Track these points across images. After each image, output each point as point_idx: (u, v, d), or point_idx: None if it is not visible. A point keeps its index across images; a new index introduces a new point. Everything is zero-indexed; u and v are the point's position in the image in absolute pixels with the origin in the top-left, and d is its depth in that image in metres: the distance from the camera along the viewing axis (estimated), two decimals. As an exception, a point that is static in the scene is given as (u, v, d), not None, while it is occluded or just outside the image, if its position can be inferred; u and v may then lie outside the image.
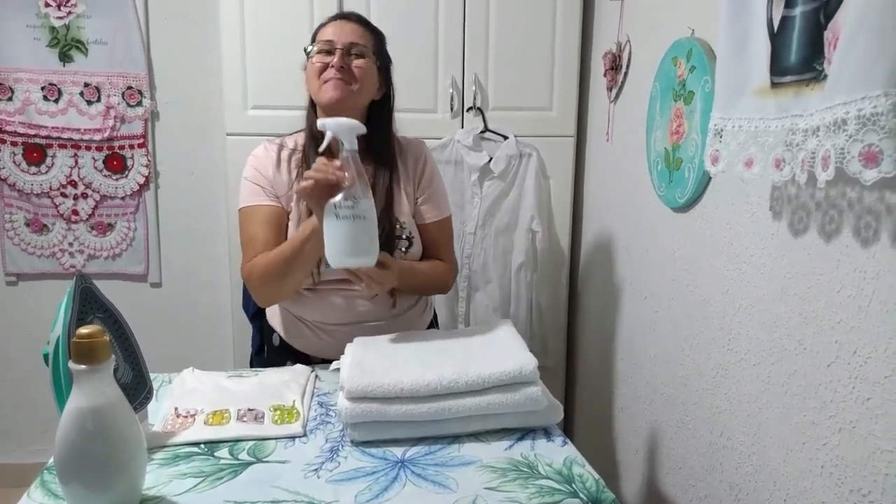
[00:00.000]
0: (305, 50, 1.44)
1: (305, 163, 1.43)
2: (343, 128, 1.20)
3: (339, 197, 1.19)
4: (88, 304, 1.00)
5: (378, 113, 1.47)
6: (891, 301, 0.89)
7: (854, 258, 0.96)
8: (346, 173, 1.18)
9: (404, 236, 1.45)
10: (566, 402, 2.38)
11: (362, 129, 1.22)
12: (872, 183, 0.79)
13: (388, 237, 1.41)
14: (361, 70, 1.39)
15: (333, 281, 1.45)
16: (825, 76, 0.87)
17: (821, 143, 0.85)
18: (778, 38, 0.99)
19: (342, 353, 1.32)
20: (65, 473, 0.82)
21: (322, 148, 1.22)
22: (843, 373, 0.98)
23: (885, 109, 0.73)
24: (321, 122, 1.22)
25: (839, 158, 0.81)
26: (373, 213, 1.22)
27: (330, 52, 1.38)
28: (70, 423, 0.81)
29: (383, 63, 1.46)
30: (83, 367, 0.81)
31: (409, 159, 1.51)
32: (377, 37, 1.46)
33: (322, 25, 1.45)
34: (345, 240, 1.20)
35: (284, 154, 1.48)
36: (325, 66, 1.38)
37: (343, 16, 1.46)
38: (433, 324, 1.67)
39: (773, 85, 1.00)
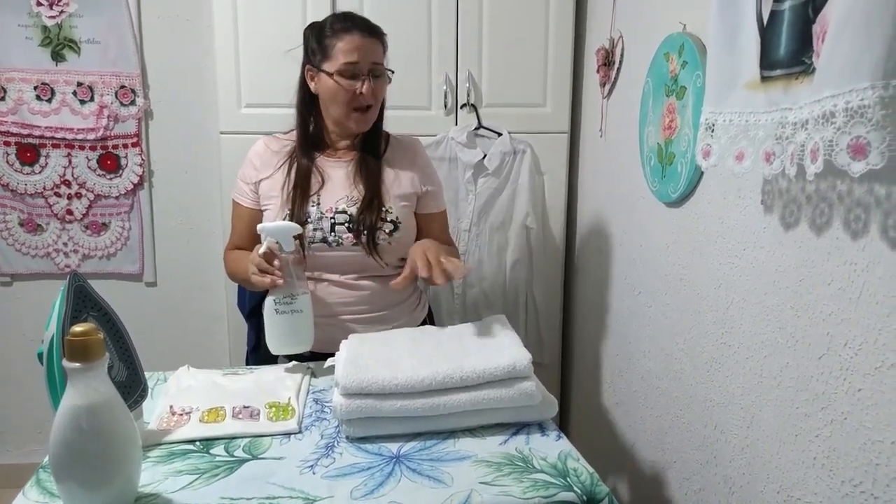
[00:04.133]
0: (316, 59, 1.45)
1: (298, 153, 1.51)
2: (280, 232, 1.33)
3: (278, 294, 1.33)
4: (82, 302, 1.00)
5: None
6: (881, 293, 0.90)
7: (844, 251, 0.97)
8: (284, 274, 1.31)
9: (389, 219, 1.48)
10: (562, 397, 2.39)
11: (298, 230, 1.35)
12: (862, 175, 0.80)
13: (374, 221, 1.45)
14: (380, 91, 1.47)
15: (319, 272, 1.49)
16: (814, 69, 0.87)
17: (810, 135, 0.86)
18: (767, 32, 0.99)
19: (330, 344, 1.33)
20: (60, 472, 0.83)
21: (261, 251, 1.32)
22: (835, 365, 0.99)
23: (873, 102, 0.73)
24: (260, 227, 1.34)
25: (828, 151, 0.81)
26: (309, 306, 1.35)
27: (355, 76, 1.42)
28: (64, 421, 0.81)
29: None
30: (77, 365, 0.81)
31: (406, 152, 1.57)
32: (385, 42, 1.50)
33: (335, 34, 1.43)
34: (284, 332, 1.36)
35: (275, 146, 1.55)
36: (353, 92, 1.42)
37: (358, 27, 1.44)
38: (428, 321, 1.67)
39: (763, 79, 1.00)
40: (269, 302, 1.34)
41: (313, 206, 1.46)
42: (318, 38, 1.46)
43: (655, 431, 1.64)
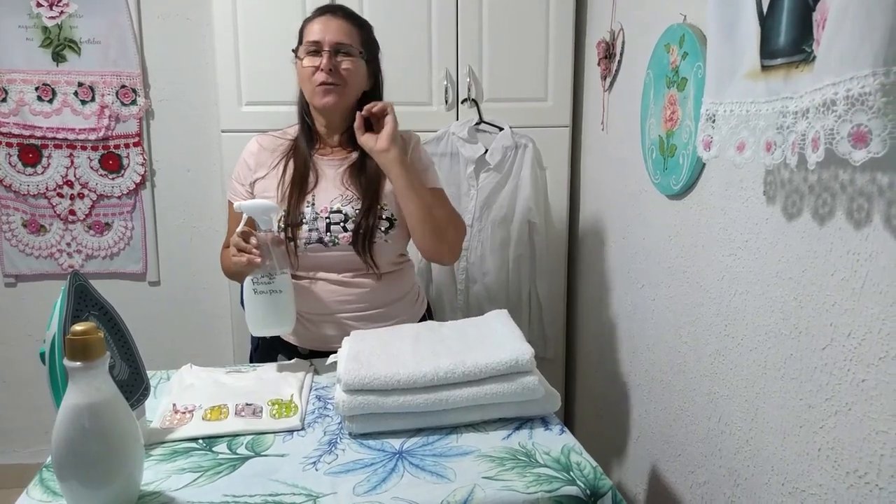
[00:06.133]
0: (294, 50, 1.47)
1: (295, 151, 1.51)
2: (258, 210, 1.32)
3: (256, 273, 1.31)
4: (83, 301, 1.01)
5: (367, 102, 1.49)
6: (884, 282, 0.89)
7: (847, 240, 0.96)
8: (262, 252, 1.29)
9: (384, 217, 1.47)
10: (566, 391, 2.39)
11: (276, 209, 1.35)
12: (864, 164, 0.79)
13: (370, 220, 1.45)
14: (349, 71, 1.44)
15: (316, 268, 1.48)
16: (814, 57, 0.86)
17: (810, 124, 0.85)
18: (767, 20, 0.98)
19: (328, 343, 1.33)
20: (62, 471, 0.83)
21: (240, 230, 1.32)
22: (839, 355, 0.99)
23: (874, 89, 0.73)
24: (237, 206, 1.34)
25: (828, 139, 0.80)
26: (288, 285, 1.34)
27: (318, 53, 1.42)
28: (66, 420, 0.81)
29: (371, 55, 1.50)
30: (78, 364, 0.81)
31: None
32: (363, 29, 1.49)
33: (308, 21, 1.48)
34: (263, 312, 1.33)
35: (268, 143, 1.55)
36: (315, 69, 1.42)
37: (329, 10, 1.47)
38: (427, 316, 1.67)
39: (764, 68, 1.00)
40: (247, 282, 1.32)
41: (308, 206, 1.45)
42: (299, 31, 1.49)
43: (660, 424, 1.64)
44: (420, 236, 1.47)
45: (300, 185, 1.46)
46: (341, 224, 1.44)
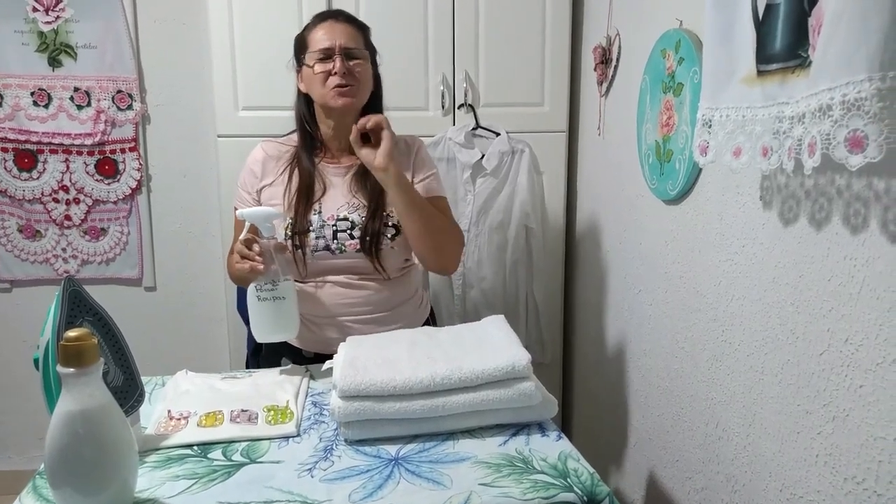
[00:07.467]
0: (300, 58, 1.48)
1: (298, 158, 1.50)
2: (260, 217, 1.33)
3: (259, 280, 1.31)
4: (78, 307, 1.00)
5: (370, 104, 1.51)
6: (881, 288, 0.89)
7: (844, 246, 0.96)
8: (265, 259, 1.30)
9: (391, 224, 1.47)
10: (564, 397, 2.38)
11: (278, 217, 1.36)
12: (860, 170, 0.79)
13: (376, 224, 1.45)
14: (361, 73, 1.46)
15: (323, 274, 1.48)
16: (810, 63, 0.86)
17: (807, 129, 0.85)
18: (763, 25, 0.98)
19: (332, 346, 1.33)
20: (55, 477, 0.82)
21: (243, 237, 1.33)
22: (836, 361, 0.98)
23: (870, 94, 0.73)
24: (239, 213, 1.35)
25: (825, 145, 0.80)
26: (292, 292, 1.35)
27: (329, 58, 1.43)
28: (59, 426, 0.81)
29: (372, 57, 1.51)
30: (71, 370, 0.81)
31: (404, 150, 1.55)
32: (365, 31, 1.51)
33: (311, 29, 1.48)
34: (267, 318, 1.35)
35: (273, 150, 1.54)
36: (328, 74, 1.43)
37: (331, 15, 1.49)
38: (431, 321, 1.67)
39: (760, 73, 1.00)
40: (251, 289, 1.33)
41: (315, 213, 1.46)
42: (299, 40, 1.50)
43: (657, 430, 1.63)
44: (419, 251, 1.49)
45: (307, 195, 1.46)
46: (348, 231, 1.45)
